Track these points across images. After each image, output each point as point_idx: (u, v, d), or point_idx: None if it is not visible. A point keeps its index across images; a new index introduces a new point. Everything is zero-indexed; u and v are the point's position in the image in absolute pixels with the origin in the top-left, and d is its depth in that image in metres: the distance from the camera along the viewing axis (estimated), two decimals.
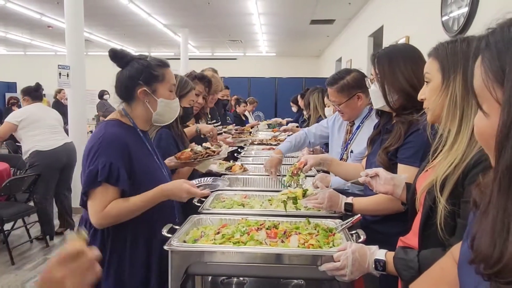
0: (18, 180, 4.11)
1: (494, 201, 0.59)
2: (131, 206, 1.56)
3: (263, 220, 1.62)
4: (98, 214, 1.53)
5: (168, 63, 1.77)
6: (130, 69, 1.68)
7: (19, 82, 15.08)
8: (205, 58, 13.62)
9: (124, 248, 1.60)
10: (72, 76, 5.43)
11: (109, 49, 1.71)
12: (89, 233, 1.60)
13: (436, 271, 1.02)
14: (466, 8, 3.53)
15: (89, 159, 1.56)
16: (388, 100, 1.66)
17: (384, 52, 1.72)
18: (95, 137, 1.60)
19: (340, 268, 1.24)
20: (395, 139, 1.64)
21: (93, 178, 1.52)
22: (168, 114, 1.75)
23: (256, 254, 1.35)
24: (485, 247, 0.59)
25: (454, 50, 1.20)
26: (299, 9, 8.36)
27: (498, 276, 0.57)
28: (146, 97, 1.68)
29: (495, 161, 0.59)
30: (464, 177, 1.07)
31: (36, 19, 9.41)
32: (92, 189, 1.53)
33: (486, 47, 0.62)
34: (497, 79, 0.59)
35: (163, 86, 1.70)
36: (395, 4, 5.91)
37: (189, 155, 2.01)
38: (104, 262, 1.56)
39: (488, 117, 0.62)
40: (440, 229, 1.09)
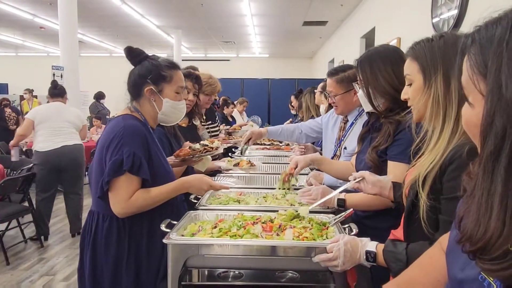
0: (12, 181, 4.12)
1: (479, 184, 0.63)
2: (154, 197, 1.64)
3: (259, 215, 1.67)
4: (123, 203, 1.59)
5: (179, 66, 1.84)
6: (141, 68, 1.76)
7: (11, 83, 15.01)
8: (198, 60, 13.65)
9: (141, 237, 1.66)
10: (66, 77, 5.44)
11: (126, 46, 1.77)
12: (103, 226, 1.65)
13: (426, 260, 1.07)
14: (455, 10, 3.62)
15: (110, 149, 1.59)
16: (374, 104, 1.69)
17: (365, 57, 1.74)
18: (115, 128, 1.64)
19: (332, 259, 1.28)
20: (384, 138, 1.67)
21: (117, 167, 1.56)
22: (174, 114, 1.82)
23: (252, 246, 1.39)
24: (471, 226, 0.64)
25: (432, 49, 1.22)
26: (292, 11, 8.43)
27: (482, 253, 0.61)
28: (152, 96, 1.75)
29: (480, 147, 0.64)
30: (442, 173, 1.11)
31: (29, 20, 9.39)
32: (116, 179, 1.57)
33: (472, 43, 0.67)
34: (480, 72, 0.64)
35: (170, 87, 1.77)
36: (386, 6, 6.00)
37: (188, 152, 2.05)
38: (123, 253, 1.62)
39: (473, 107, 0.68)
40: (424, 223, 1.13)
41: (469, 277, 0.72)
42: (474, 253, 0.64)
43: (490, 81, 0.62)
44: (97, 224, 1.67)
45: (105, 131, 1.73)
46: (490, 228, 0.60)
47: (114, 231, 1.64)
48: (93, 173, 1.70)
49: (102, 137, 1.70)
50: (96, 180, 1.65)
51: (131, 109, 1.77)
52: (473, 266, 0.70)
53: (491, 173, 0.62)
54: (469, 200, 0.67)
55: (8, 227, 4.35)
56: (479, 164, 0.65)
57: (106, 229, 1.65)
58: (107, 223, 1.65)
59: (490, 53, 0.63)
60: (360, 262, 1.28)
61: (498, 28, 0.63)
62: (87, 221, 1.74)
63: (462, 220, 0.68)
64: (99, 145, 1.68)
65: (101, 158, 1.64)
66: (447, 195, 1.09)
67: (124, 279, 1.64)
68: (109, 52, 14.33)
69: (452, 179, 1.08)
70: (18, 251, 4.26)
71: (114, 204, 1.60)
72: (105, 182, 1.57)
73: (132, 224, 1.66)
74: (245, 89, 12.43)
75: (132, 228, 1.66)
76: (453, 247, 0.83)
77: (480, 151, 0.65)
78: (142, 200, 1.62)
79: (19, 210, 4.23)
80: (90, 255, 1.67)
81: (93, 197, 1.72)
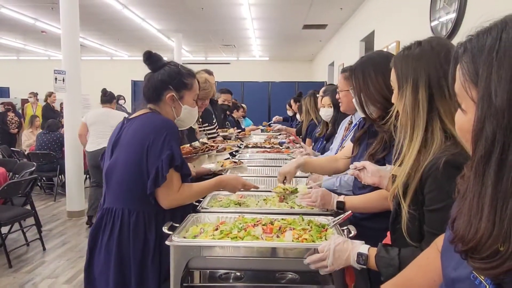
0: (15, 184, 4.15)
1: (471, 186, 0.66)
2: (198, 191, 1.79)
3: (259, 217, 1.70)
4: (174, 195, 1.67)
5: (195, 74, 1.92)
6: (163, 73, 1.80)
7: (12, 87, 15.06)
8: (199, 63, 13.68)
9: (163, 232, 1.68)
10: (68, 81, 5.48)
11: (145, 51, 1.82)
12: (129, 221, 1.66)
13: (422, 260, 1.10)
14: (454, 13, 3.65)
15: (158, 144, 1.63)
16: (366, 111, 1.72)
17: (358, 65, 1.76)
18: (156, 123, 1.69)
19: (322, 259, 1.29)
20: (381, 147, 1.68)
21: (171, 161, 1.63)
22: (189, 120, 1.90)
23: (253, 248, 1.42)
24: (463, 227, 0.67)
25: (407, 59, 1.23)
26: (292, 14, 8.47)
27: (474, 252, 0.64)
28: (173, 102, 1.80)
29: (472, 152, 0.67)
30: (422, 185, 1.12)
31: (30, 24, 9.43)
32: (168, 173, 1.63)
33: (464, 52, 0.70)
34: (472, 80, 0.67)
35: (190, 94, 1.84)
36: (386, 10, 6.04)
37: (189, 150, 2.10)
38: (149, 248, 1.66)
39: (465, 114, 0.71)
40: (404, 233, 1.16)
41: (461, 276, 0.75)
42: (465, 252, 0.67)
43: (480, 88, 0.65)
44: (122, 219, 1.67)
45: (137, 126, 1.72)
46: (480, 229, 0.63)
47: (141, 225, 1.67)
48: (121, 170, 1.70)
49: (134, 132, 1.70)
50: (130, 177, 1.66)
51: (152, 109, 1.80)
52: (466, 265, 0.73)
53: (482, 176, 0.64)
54: (462, 201, 0.70)
55: (11, 230, 4.39)
56: (470, 167, 0.68)
57: (134, 224, 1.66)
58: (134, 217, 1.67)
59: (481, 62, 0.66)
60: (349, 264, 1.28)
61: (489, 37, 0.66)
62: (102, 219, 1.71)
63: (455, 220, 0.71)
64: (132, 141, 1.68)
65: (138, 154, 1.64)
66: (428, 207, 1.12)
67: (150, 274, 1.66)
68: (110, 56, 14.39)
69: (432, 191, 1.10)
70: (20, 254, 4.29)
71: (165, 196, 1.66)
72: (163, 176, 1.61)
73: (157, 218, 1.69)
74: (245, 92, 12.46)
75: (157, 221, 1.68)
76: (447, 248, 0.85)
77: (472, 155, 0.67)
78: (188, 193, 1.72)
79: (22, 214, 4.26)
80: (116, 251, 1.66)
81: (116, 194, 1.72)
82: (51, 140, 6.77)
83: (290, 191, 1.99)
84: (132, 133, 1.71)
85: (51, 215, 5.80)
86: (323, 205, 1.78)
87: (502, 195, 0.61)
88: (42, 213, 5.66)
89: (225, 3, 7.74)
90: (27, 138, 7.77)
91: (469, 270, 0.72)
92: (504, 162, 0.61)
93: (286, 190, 2.00)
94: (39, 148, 6.75)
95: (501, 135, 0.61)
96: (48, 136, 6.79)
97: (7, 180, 4.45)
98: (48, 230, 5.11)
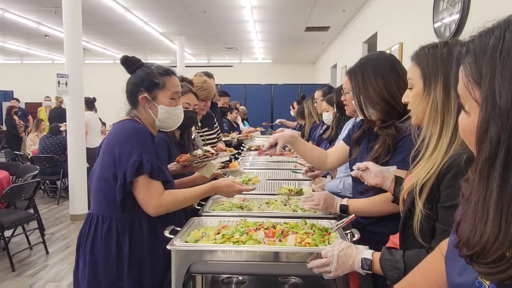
0: (18, 188, 4.15)
1: (475, 190, 0.65)
2: (186, 197, 1.73)
3: (261, 221, 1.68)
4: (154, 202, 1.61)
5: (172, 72, 1.84)
6: (135, 76, 1.78)
7: (16, 90, 15.14)
8: (201, 66, 13.69)
9: (141, 239, 1.66)
10: (71, 84, 5.49)
11: (122, 56, 1.82)
12: (102, 228, 1.64)
13: (426, 265, 1.08)
14: (457, 15, 3.63)
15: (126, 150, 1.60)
16: (365, 114, 1.70)
17: (357, 66, 1.74)
18: (125, 129, 1.68)
19: (326, 264, 1.28)
20: (384, 151, 1.66)
21: (137, 168, 1.58)
22: (171, 120, 1.81)
23: (255, 252, 1.41)
24: (467, 231, 0.65)
25: (435, 57, 1.22)
26: (294, 17, 8.47)
27: (479, 257, 0.63)
28: (147, 103, 1.76)
29: (476, 154, 0.66)
30: (439, 182, 1.10)
31: (34, 28, 9.47)
32: (141, 178, 1.60)
33: (467, 53, 0.69)
34: (475, 81, 0.66)
35: (164, 93, 1.77)
36: (388, 11, 6.02)
37: (188, 158, 2.04)
38: (124, 255, 1.62)
39: (469, 115, 0.69)
40: (416, 232, 1.14)
41: (466, 281, 0.73)
42: (470, 257, 0.65)
43: (484, 89, 0.63)
44: (96, 226, 1.66)
45: (111, 134, 1.74)
46: (486, 233, 0.61)
47: (113, 232, 1.64)
48: (96, 177, 1.70)
49: (108, 140, 1.71)
50: (102, 184, 1.66)
51: (131, 116, 1.79)
52: (471, 271, 0.71)
53: (486, 179, 0.63)
54: (466, 205, 0.69)
55: (14, 233, 4.39)
56: (475, 170, 0.66)
57: (106, 231, 1.64)
58: (106, 224, 1.65)
59: (484, 62, 0.64)
60: (354, 269, 1.27)
61: (491, 37, 0.65)
62: (84, 224, 1.73)
63: (460, 224, 0.70)
64: (106, 148, 1.68)
65: (109, 161, 1.64)
66: (444, 203, 1.09)
67: (126, 283, 1.63)
68: (113, 59, 14.43)
69: (450, 187, 1.07)
70: (23, 257, 4.29)
71: (145, 204, 1.62)
72: (128, 183, 1.58)
73: (132, 226, 1.66)
74: (248, 94, 12.47)
75: (132, 230, 1.65)
76: (452, 252, 0.84)
77: (476, 157, 0.66)
78: (171, 199, 1.67)
79: (25, 217, 4.26)
80: (89, 258, 1.65)
81: (93, 200, 1.73)
82: (54, 144, 6.78)
83: (295, 191, 1.98)
84: (106, 140, 1.72)
85: (54, 218, 5.81)
86: (326, 208, 1.77)
87: (508, 198, 0.59)
88: (45, 217, 5.67)
89: (228, 6, 7.75)
90: (32, 143, 7.80)
91: (474, 275, 0.70)
92: (510, 164, 0.59)
93: (291, 191, 1.99)
94: (42, 152, 6.77)
95: (506, 137, 0.60)
96: (51, 139, 6.81)
97: (10, 183, 4.45)
98: (51, 233, 5.11)
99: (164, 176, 1.67)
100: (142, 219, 1.67)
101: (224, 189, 1.82)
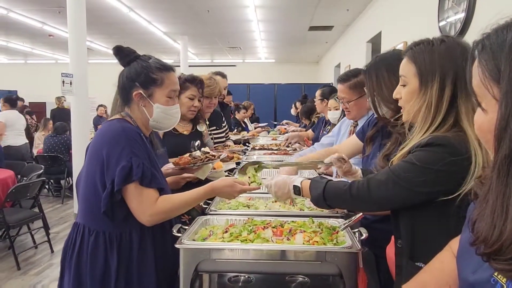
0: (23, 187, 4.17)
1: (494, 188, 0.65)
2: (182, 202, 1.54)
3: (269, 219, 1.68)
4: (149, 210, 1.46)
5: (171, 68, 1.66)
6: (130, 69, 1.61)
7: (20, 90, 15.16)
8: (205, 65, 13.71)
9: (131, 253, 1.51)
10: (75, 84, 5.51)
11: (115, 46, 1.66)
12: (89, 241, 1.50)
13: (436, 264, 1.08)
14: (463, 13, 3.61)
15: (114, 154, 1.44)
16: (379, 112, 1.69)
17: (372, 65, 1.73)
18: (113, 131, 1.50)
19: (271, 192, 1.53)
20: (396, 149, 1.62)
21: (127, 174, 1.43)
22: (166, 121, 1.64)
23: (263, 251, 1.41)
24: (486, 229, 0.65)
25: (432, 55, 1.21)
26: (298, 16, 8.46)
27: (497, 254, 0.62)
28: (141, 101, 1.59)
29: (494, 151, 0.65)
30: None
31: (38, 28, 9.50)
32: (130, 186, 1.44)
33: (483, 49, 0.68)
34: (493, 77, 0.65)
35: (161, 91, 1.60)
36: (392, 10, 6.00)
37: (188, 160, 1.95)
38: (111, 271, 1.48)
39: (486, 113, 0.68)
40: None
41: (481, 279, 0.73)
42: (488, 255, 0.65)
43: (503, 85, 0.63)
44: (83, 238, 1.51)
45: (98, 135, 1.57)
46: (506, 231, 0.61)
47: (100, 246, 1.49)
48: (83, 183, 1.54)
49: (94, 143, 1.54)
50: (88, 192, 1.51)
51: (122, 115, 1.61)
52: (485, 269, 0.71)
53: (506, 177, 0.63)
54: (483, 204, 0.68)
55: (19, 232, 4.41)
56: (493, 168, 0.66)
57: (92, 244, 1.49)
58: (93, 237, 1.49)
59: (502, 58, 0.64)
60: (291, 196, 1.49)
61: (509, 33, 0.65)
62: (71, 234, 1.58)
63: (476, 223, 0.69)
64: (92, 152, 1.52)
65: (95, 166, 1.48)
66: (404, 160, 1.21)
67: None
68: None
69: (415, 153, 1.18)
70: (28, 256, 4.31)
71: (139, 213, 1.46)
72: (117, 191, 1.43)
73: (120, 240, 1.50)
74: (251, 94, 12.48)
75: (121, 244, 1.50)
76: (464, 251, 0.83)
77: (494, 155, 0.65)
78: (168, 205, 1.50)
79: (30, 216, 4.28)
80: (74, 272, 1.51)
81: (80, 208, 1.58)
82: (59, 143, 6.81)
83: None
84: (93, 142, 1.56)
85: (59, 217, 5.83)
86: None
87: None
88: (50, 216, 5.69)
89: (231, 5, 7.75)
90: (40, 142, 7.82)
91: (488, 273, 0.70)
92: None
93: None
94: (46, 151, 6.79)
95: None
96: (56, 139, 6.83)
97: (16, 182, 4.47)
98: (56, 232, 5.13)
99: (157, 183, 1.50)
100: (133, 232, 1.51)
101: (225, 190, 1.62)
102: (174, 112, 1.66)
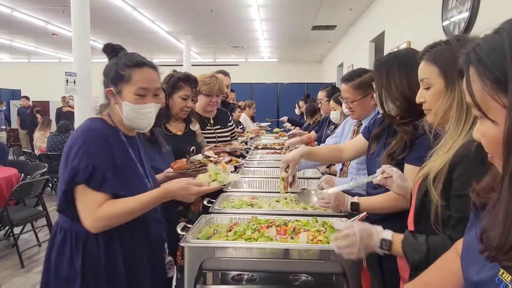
0: (27, 185, 4.19)
1: (505, 196, 0.63)
2: (129, 207, 1.43)
3: (272, 218, 1.69)
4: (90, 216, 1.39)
5: (142, 63, 1.55)
6: (106, 66, 1.58)
7: (23, 89, 15.23)
8: (208, 65, 13.71)
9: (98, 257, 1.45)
10: (79, 83, 5.53)
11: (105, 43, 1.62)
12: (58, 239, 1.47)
13: (441, 263, 1.08)
14: (467, 13, 3.60)
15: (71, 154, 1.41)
16: (385, 109, 1.69)
17: (383, 61, 1.73)
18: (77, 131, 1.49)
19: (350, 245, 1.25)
20: (400, 147, 1.65)
21: (74, 175, 1.38)
22: (138, 120, 1.55)
23: (267, 249, 1.41)
24: (497, 238, 0.64)
25: (452, 52, 1.20)
26: (301, 15, 8.46)
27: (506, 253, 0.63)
28: (113, 98, 1.54)
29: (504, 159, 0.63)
30: (451, 171, 1.11)
31: (41, 27, 9.53)
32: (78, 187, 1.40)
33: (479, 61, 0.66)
34: (499, 87, 0.63)
35: (129, 87, 1.51)
36: (396, 10, 5.99)
37: (182, 165, 1.92)
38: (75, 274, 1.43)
39: (497, 124, 0.65)
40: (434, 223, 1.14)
41: (485, 279, 0.73)
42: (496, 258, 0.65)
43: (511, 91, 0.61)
44: (55, 236, 1.49)
45: (72, 134, 1.55)
46: None
47: (67, 245, 1.45)
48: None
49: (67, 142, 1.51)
50: (59, 190, 1.47)
51: (103, 114, 1.59)
52: (489, 268, 0.71)
53: None
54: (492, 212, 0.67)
55: (23, 230, 4.43)
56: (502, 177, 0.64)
57: (60, 242, 1.46)
58: (61, 235, 1.47)
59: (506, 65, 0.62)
60: (374, 250, 1.26)
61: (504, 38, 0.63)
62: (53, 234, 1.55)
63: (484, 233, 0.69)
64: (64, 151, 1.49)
65: (61, 164, 1.46)
66: (457, 192, 1.10)
67: None
68: None
69: (462, 176, 1.08)
70: (32, 254, 4.32)
71: (83, 218, 1.40)
72: (62, 192, 1.39)
73: (86, 240, 1.45)
74: (254, 93, 12.47)
75: (86, 245, 1.44)
76: (468, 250, 0.83)
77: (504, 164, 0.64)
78: (112, 211, 1.40)
79: (34, 214, 4.30)
80: (44, 270, 1.50)
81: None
82: (62, 142, 6.82)
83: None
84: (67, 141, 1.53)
85: None
86: (337, 206, 1.76)
87: None
88: (54, 214, 5.65)
89: (234, 5, 7.76)
90: (42, 141, 7.85)
91: (493, 273, 0.70)
92: None
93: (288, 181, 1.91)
94: (50, 150, 6.82)
95: None
96: (59, 137, 6.86)
97: (19, 181, 4.49)
98: None
99: (110, 188, 1.41)
100: (99, 233, 1.44)
101: (179, 193, 1.52)
102: (145, 112, 1.54)
